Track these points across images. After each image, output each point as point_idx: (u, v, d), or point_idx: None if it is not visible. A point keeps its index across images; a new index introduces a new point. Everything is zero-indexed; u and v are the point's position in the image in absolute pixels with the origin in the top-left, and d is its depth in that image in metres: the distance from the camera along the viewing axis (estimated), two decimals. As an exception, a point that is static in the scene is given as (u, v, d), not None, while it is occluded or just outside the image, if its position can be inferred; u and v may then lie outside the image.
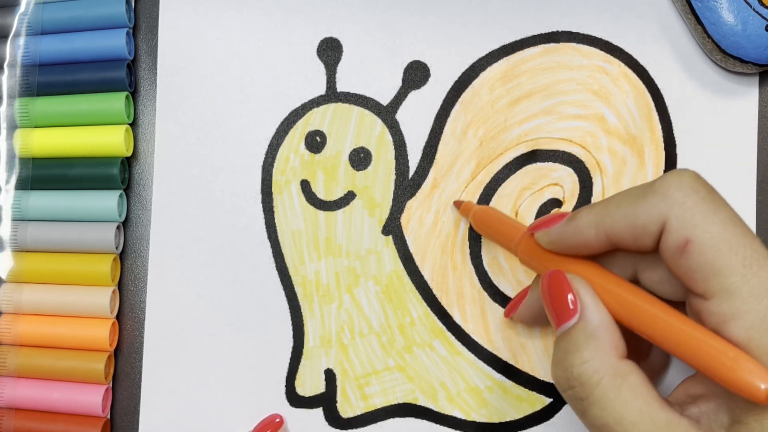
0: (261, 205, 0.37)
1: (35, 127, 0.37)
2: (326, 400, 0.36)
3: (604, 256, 0.27)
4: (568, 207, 0.35)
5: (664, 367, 0.31)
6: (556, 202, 0.35)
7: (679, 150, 0.34)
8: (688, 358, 0.23)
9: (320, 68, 0.37)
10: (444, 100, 0.36)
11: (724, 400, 0.24)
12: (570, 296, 0.25)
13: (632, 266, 0.27)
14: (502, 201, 0.35)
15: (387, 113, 0.36)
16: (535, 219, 0.35)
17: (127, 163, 0.38)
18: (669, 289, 0.26)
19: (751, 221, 0.34)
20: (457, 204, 0.35)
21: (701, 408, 0.25)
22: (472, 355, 0.35)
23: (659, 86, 0.34)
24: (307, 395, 0.36)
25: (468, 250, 0.35)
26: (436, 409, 0.35)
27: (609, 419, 0.23)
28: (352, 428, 0.36)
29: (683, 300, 0.26)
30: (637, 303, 0.25)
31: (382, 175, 0.36)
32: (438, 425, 0.35)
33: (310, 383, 0.36)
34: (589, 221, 0.26)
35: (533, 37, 0.35)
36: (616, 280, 0.26)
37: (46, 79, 0.37)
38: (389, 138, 0.36)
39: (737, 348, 0.22)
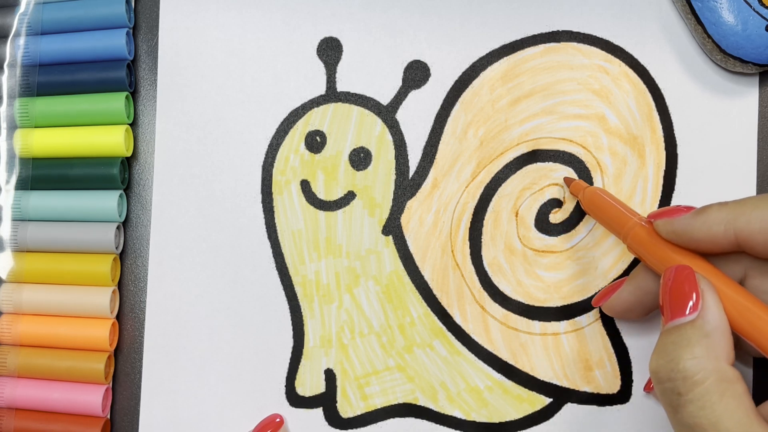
0: (261, 205, 0.37)
1: (35, 127, 0.37)
2: (326, 400, 0.36)
3: (717, 256, 0.27)
4: (568, 207, 0.35)
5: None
6: (556, 202, 0.35)
7: (679, 150, 0.34)
8: None
9: (320, 68, 0.37)
10: (444, 100, 0.36)
11: None
12: (695, 295, 0.25)
13: (743, 269, 0.27)
14: (502, 201, 0.35)
15: (387, 113, 0.36)
16: (536, 219, 0.35)
17: (127, 163, 0.38)
18: None
19: (751, 221, 0.34)
20: (568, 181, 0.34)
21: None
22: (472, 355, 0.35)
23: (660, 86, 0.34)
24: (307, 395, 0.36)
25: (468, 250, 0.35)
26: (436, 409, 0.35)
27: (704, 420, 0.23)
28: (352, 428, 0.36)
29: None
30: (755, 309, 0.25)
31: (382, 175, 0.36)
32: (438, 425, 0.35)
33: (310, 383, 0.36)
34: (719, 217, 0.26)
35: (534, 36, 0.35)
36: (731, 282, 0.26)
37: (46, 79, 0.37)
38: (389, 138, 0.36)
39: None
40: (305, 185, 0.36)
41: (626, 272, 0.34)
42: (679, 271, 0.26)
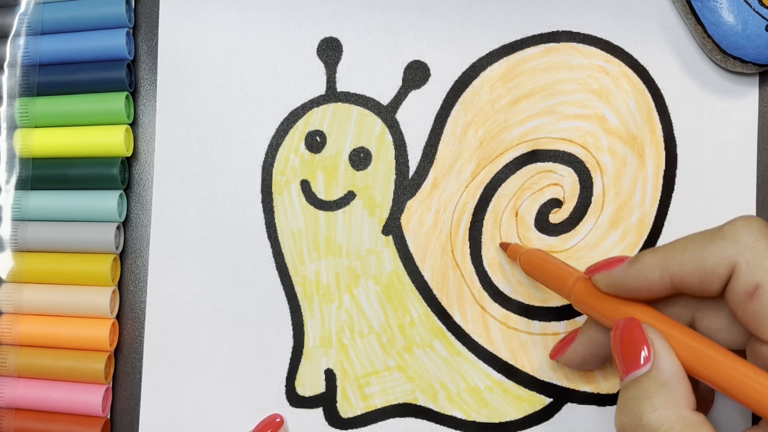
0: (261, 205, 0.37)
1: (35, 127, 0.37)
2: (326, 400, 0.36)
3: (661, 301, 0.27)
4: (568, 207, 0.35)
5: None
6: (556, 202, 0.35)
7: (679, 150, 0.34)
8: (756, 407, 0.23)
9: (320, 68, 0.37)
10: (444, 100, 0.36)
11: None
12: (645, 347, 0.25)
13: (690, 313, 0.27)
14: (502, 201, 0.35)
15: (387, 113, 0.36)
16: (536, 219, 0.35)
17: (127, 163, 0.38)
18: (728, 336, 0.26)
19: (751, 221, 0.34)
20: (504, 246, 0.34)
21: None
22: (472, 355, 0.35)
23: (659, 86, 0.34)
24: (307, 395, 0.36)
25: (468, 250, 0.35)
26: (436, 409, 0.35)
27: None
28: (352, 428, 0.36)
29: (741, 348, 0.26)
30: (704, 350, 0.25)
31: (382, 175, 0.36)
32: (438, 425, 0.35)
33: (310, 383, 0.36)
34: (652, 264, 0.26)
35: (533, 36, 0.35)
36: (679, 326, 0.26)
37: (46, 79, 0.37)
38: (389, 138, 0.36)
39: None
40: (305, 185, 0.36)
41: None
42: (626, 324, 0.26)
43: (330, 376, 0.36)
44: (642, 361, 0.25)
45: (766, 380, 0.23)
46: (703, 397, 0.29)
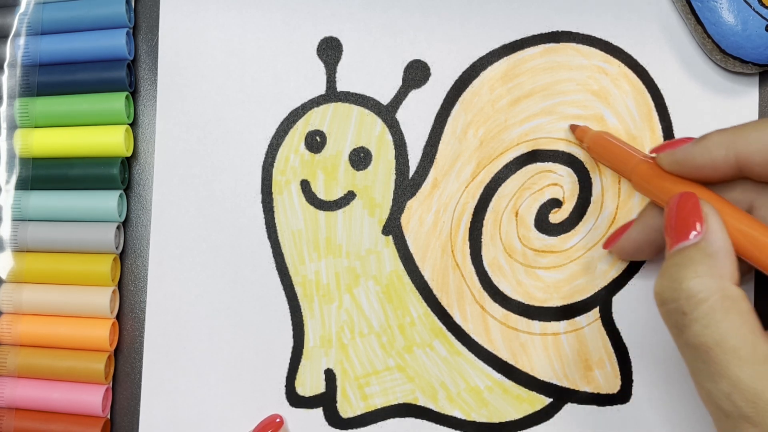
0: (261, 205, 0.37)
1: (35, 127, 0.37)
2: (326, 400, 0.36)
3: (722, 186, 0.27)
4: (568, 207, 0.35)
5: None
6: (556, 202, 0.35)
7: (679, 150, 0.34)
8: None
9: (320, 68, 0.37)
10: (444, 100, 0.36)
11: None
12: (698, 219, 0.25)
13: (750, 200, 0.27)
14: (502, 201, 0.35)
15: (387, 113, 0.36)
16: (536, 219, 0.35)
17: (127, 163, 0.38)
18: None
19: (751, 221, 0.34)
20: (573, 128, 0.34)
21: None
22: (472, 355, 0.35)
23: (659, 86, 0.34)
24: (307, 395, 0.36)
25: (468, 250, 0.35)
26: (436, 409, 0.35)
27: (709, 339, 0.23)
28: (352, 428, 0.36)
29: None
30: (756, 233, 0.25)
31: (382, 174, 0.36)
32: (438, 425, 0.35)
33: (310, 383, 0.36)
34: (719, 141, 0.26)
35: (533, 36, 0.35)
36: (735, 208, 0.26)
37: (46, 79, 0.37)
38: (389, 138, 0.36)
39: None
40: (305, 185, 0.36)
41: (626, 272, 0.34)
42: (682, 197, 0.26)
43: (330, 376, 0.36)
44: (693, 233, 0.25)
45: None
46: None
